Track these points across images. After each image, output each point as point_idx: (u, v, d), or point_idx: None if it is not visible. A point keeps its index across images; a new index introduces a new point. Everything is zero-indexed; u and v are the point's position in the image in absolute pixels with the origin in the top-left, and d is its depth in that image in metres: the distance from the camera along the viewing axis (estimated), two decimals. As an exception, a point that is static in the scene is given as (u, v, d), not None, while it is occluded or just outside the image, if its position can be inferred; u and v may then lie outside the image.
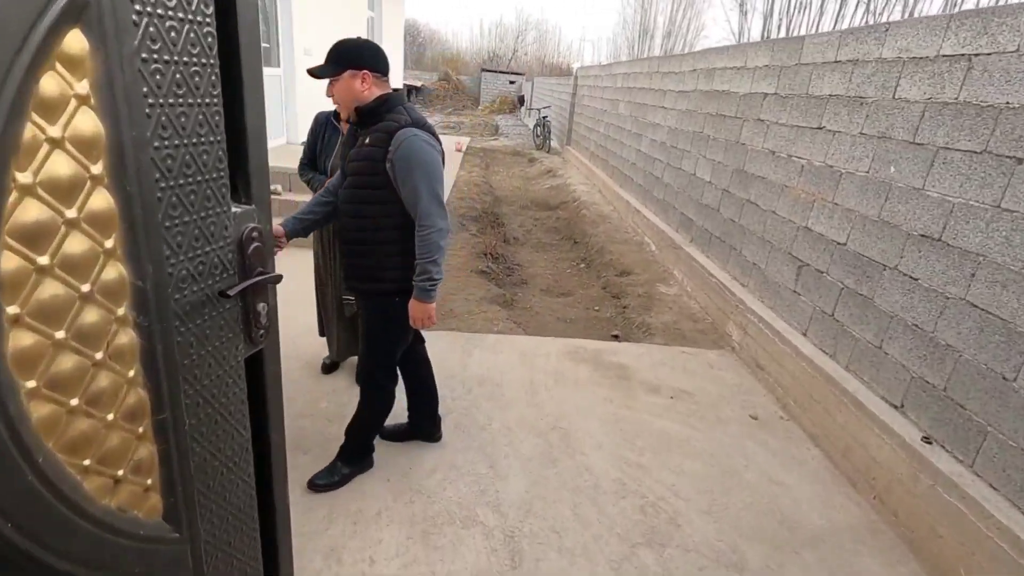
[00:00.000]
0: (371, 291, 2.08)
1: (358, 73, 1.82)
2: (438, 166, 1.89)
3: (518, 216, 7.59)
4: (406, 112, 1.88)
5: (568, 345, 3.72)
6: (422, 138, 1.84)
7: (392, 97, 1.90)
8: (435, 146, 1.90)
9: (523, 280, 5.23)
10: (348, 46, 1.86)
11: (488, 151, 13.31)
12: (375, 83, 1.86)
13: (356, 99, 1.86)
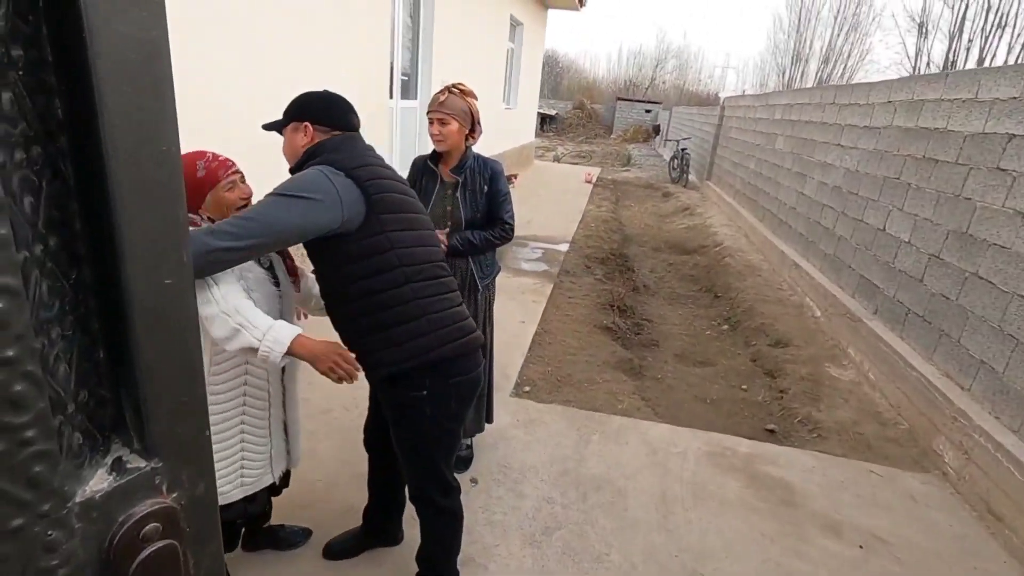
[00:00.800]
0: (375, 380, 1.62)
1: (300, 125, 1.56)
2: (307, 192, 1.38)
3: (649, 259, 6.88)
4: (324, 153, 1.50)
5: (711, 442, 2.98)
6: (317, 169, 1.44)
7: (321, 144, 1.53)
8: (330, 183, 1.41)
9: (654, 340, 4.53)
10: (298, 99, 1.60)
11: (619, 183, 12.69)
12: (318, 135, 1.55)
13: (294, 155, 1.58)
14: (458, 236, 2.32)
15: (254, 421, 1.58)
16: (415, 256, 1.53)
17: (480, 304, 2.47)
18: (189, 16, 2.84)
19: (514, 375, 3.48)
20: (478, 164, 2.33)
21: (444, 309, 1.58)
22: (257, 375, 1.55)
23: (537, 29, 11.87)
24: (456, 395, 1.62)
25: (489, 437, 2.83)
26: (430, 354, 1.52)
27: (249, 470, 1.60)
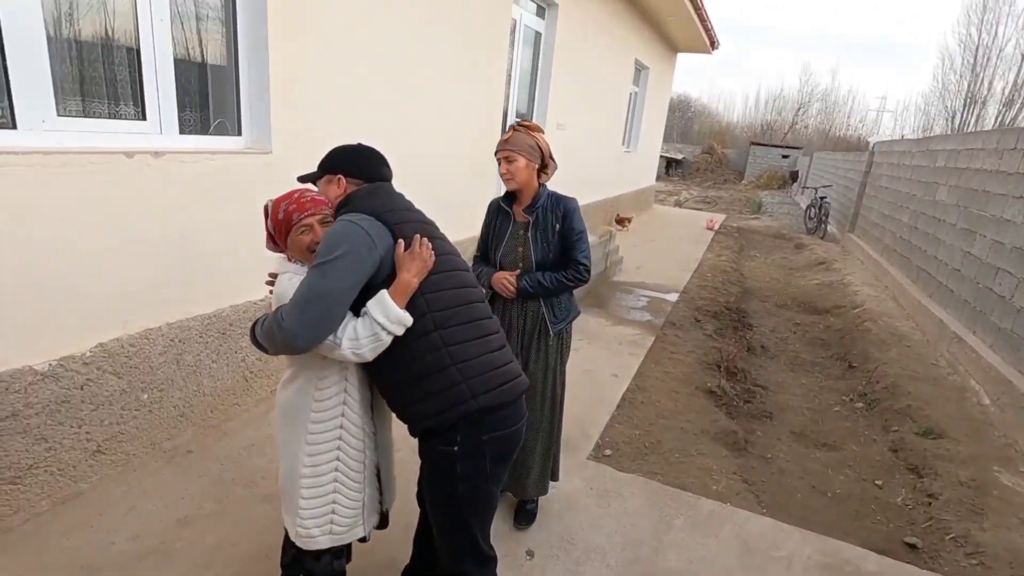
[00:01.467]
0: (417, 429, 1.50)
1: (333, 178, 1.56)
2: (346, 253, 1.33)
3: (772, 317, 6.18)
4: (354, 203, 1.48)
5: (827, 551, 2.43)
6: (347, 220, 1.40)
7: (351, 195, 1.51)
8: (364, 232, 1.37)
9: (766, 412, 3.96)
10: (332, 152, 1.60)
11: (745, 231, 11.81)
12: (351, 188, 1.55)
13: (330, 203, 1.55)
14: (528, 278, 2.17)
15: (350, 464, 1.51)
16: (445, 300, 1.45)
17: (552, 350, 2.28)
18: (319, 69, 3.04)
19: (595, 435, 3.17)
20: (551, 202, 2.18)
21: (480, 355, 1.47)
22: (352, 418, 1.50)
23: (664, 73, 11.64)
24: (491, 452, 1.49)
25: (556, 503, 2.56)
26: (461, 406, 1.42)
27: (341, 517, 1.53)
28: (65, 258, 2.10)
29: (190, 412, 2.73)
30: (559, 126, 6.66)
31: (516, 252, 2.22)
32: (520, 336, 2.28)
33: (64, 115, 2.15)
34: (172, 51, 2.47)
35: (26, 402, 2.06)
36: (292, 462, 1.50)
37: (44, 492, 2.20)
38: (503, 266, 2.26)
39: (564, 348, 2.35)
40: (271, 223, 1.50)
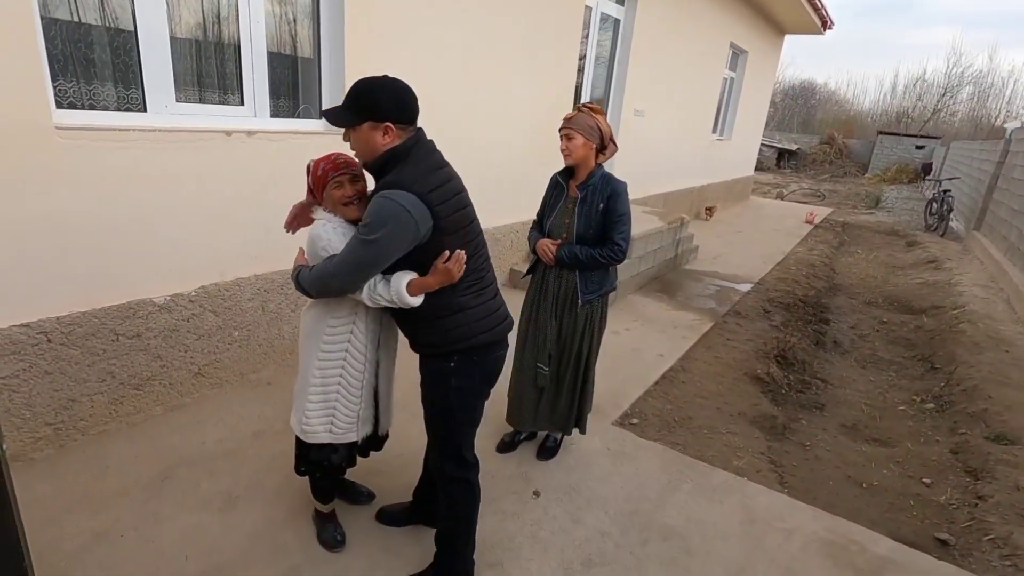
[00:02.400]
0: (426, 354, 1.80)
1: (379, 126, 1.56)
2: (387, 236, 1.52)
3: (856, 314, 5.81)
4: (400, 169, 1.58)
5: (836, 529, 2.44)
6: (395, 201, 1.51)
7: (396, 151, 1.58)
8: (408, 215, 1.52)
9: (819, 403, 3.84)
10: (367, 89, 1.57)
11: (852, 226, 10.93)
12: (400, 135, 1.59)
13: (374, 154, 1.60)
14: (567, 249, 2.39)
15: (350, 380, 1.85)
16: (468, 267, 1.67)
17: (579, 317, 2.49)
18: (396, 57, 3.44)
19: (625, 405, 3.32)
20: (601, 182, 2.36)
21: (481, 303, 1.75)
22: (357, 345, 1.83)
23: (767, 56, 11.03)
24: (480, 372, 1.79)
25: (572, 457, 2.78)
26: (462, 342, 1.72)
27: (339, 420, 1.88)
28: (177, 215, 2.64)
29: (272, 351, 3.26)
30: (637, 113, 6.67)
31: (562, 223, 2.44)
32: (554, 300, 2.51)
33: (181, 101, 2.69)
34: (265, 48, 2.96)
35: (147, 326, 2.64)
36: (306, 372, 1.86)
37: (158, 400, 2.79)
38: (550, 234, 2.49)
39: (595, 318, 2.53)
40: (311, 179, 1.82)
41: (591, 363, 2.62)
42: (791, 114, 36.76)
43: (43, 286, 2.27)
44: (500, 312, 1.82)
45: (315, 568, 2.01)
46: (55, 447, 2.46)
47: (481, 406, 1.86)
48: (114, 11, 2.44)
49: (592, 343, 2.57)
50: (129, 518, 2.15)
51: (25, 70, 2.07)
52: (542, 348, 2.54)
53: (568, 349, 2.54)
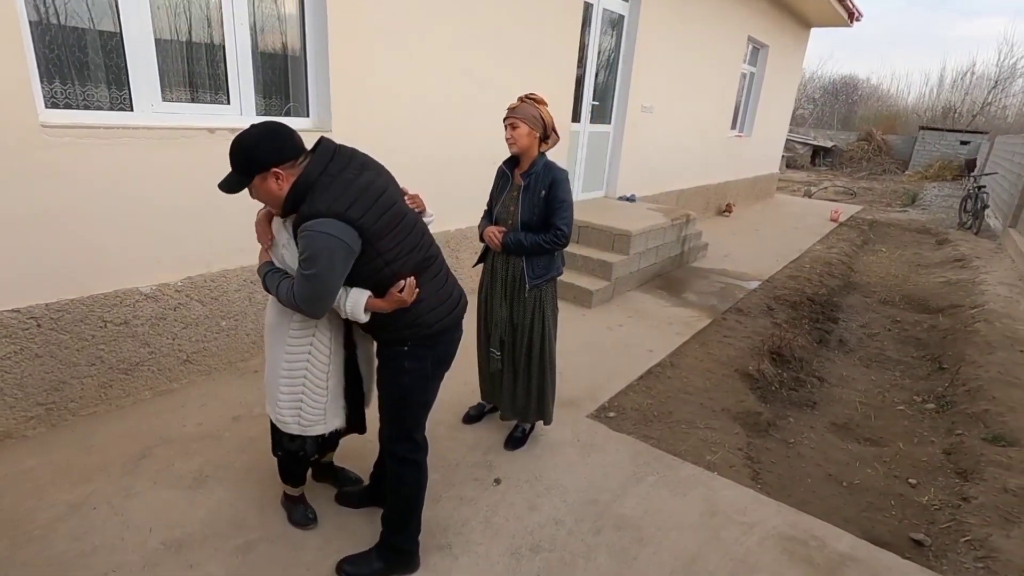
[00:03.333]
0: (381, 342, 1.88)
1: (267, 175, 1.56)
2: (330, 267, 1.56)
3: (869, 312, 5.63)
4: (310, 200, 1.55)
5: (798, 524, 2.39)
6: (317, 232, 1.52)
7: (298, 183, 1.56)
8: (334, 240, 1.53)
9: (811, 401, 3.75)
10: (238, 149, 1.55)
11: (880, 224, 10.55)
12: (291, 174, 1.57)
13: (277, 201, 1.61)
14: (512, 236, 2.45)
15: (315, 375, 1.89)
16: (406, 263, 1.71)
17: (528, 302, 2.53)
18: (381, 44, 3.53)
19: (603, 398, 3.32)
20: (543, 171, 2.42)
21: (433, 291, 1.80)
22: (322, 339, 1.87)
23: (791, 50, 10.75)
24: (433, 356, 1.86)
25: (539, 447, 2.80)
26: (418, 330, 1.80)
27: (306, 414, 1.93)
28: (162, 209, 2.78)
29: (260, 341, 3.39)
30: (644, 109, 6.62)
31: (508, 210, 2.51)
32: (504, 286, 2.57)
33: (167, 100, 2.84)
34: (251, 48, 3.09)
35: (134, 314, 2.79)
36: (274, 364, 1.93)
37: (147, 385, 2.94)
38: (496, 221, 2.57)
39: (545, 303, 2.58)
40: None
41: (546, 350, 2.64)
42: (831, 111, 35.60)
43: (33, 275, 2.43)
44: (453, 296, 1.88)
45: (270, 544, 2.10)
46: (46, 426, 2.63)
47: (434, 389, 1.92)
48: (99, 14, 2.59)
49: (545, 330, 2.60)
50: (104, 492, 2.29)
51: (12, 72, 2.23)
52: (493, 333, 2.62)
53: (521, 335, 2.59)
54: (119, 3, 2.58)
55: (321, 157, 1.60)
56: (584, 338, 4.15)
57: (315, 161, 1.59)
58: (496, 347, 2.62)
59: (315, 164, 1.58)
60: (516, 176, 2.50)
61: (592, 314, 4.63)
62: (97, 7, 2.57)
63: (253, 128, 1.57)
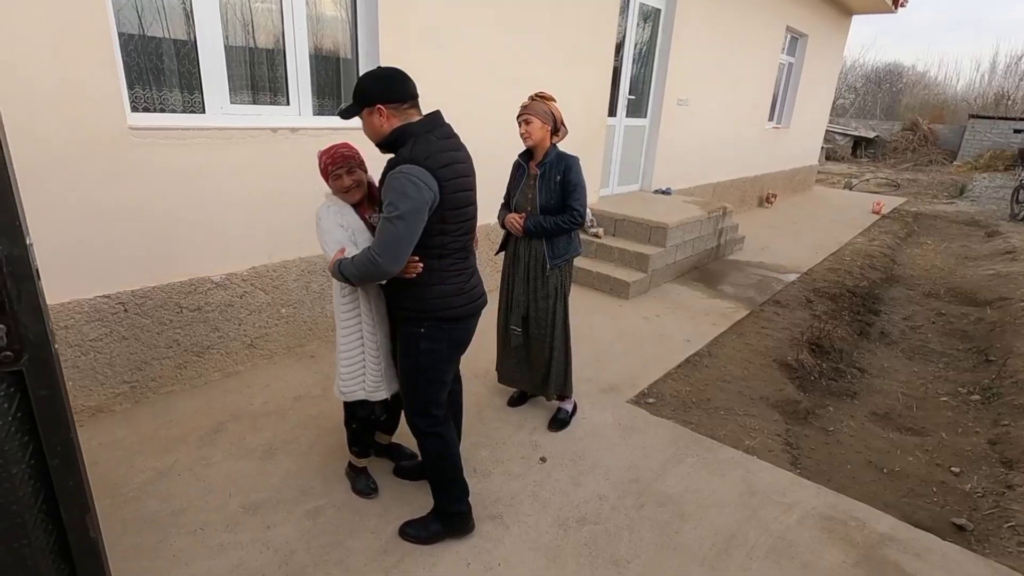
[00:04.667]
0: (401, 319, 1.98)
1: (372, 109, 1.75)
2: (412, 209, 1.68)
3: (912, 305, 5.55)
4: (412, 146, 1.73)
5: (837, 506, 2.45)
6: (408, 175, 1.67)
7: (406, 129, 1.75)
8: (423, 186, 1.68)
9: (851, 391, 3.76)
10: (358, 83, 1.78)
11: (925, 216, 10.26)
12: (393, 114, 1.76)
13: (378, 134, 1.79)
14: (532, 219, 2.63)
15: (369, 340, 2.08)
16: (456, 243, 1.87)
17: (550, 281, 2.71)
18: (419, 36, 3.69)
19: (642, 385, 3.41)
20: (556, 159, 2.60)
21: (458, 281, 1.92)
22: (367, 310, 2.04)
23: (831, 39, 10.51)
24: (449, 339, 1.97)
25: (580, 429, 2.92)
26: (437, 312, 1.90)
27: (370, 378, 2.12)
28: (230, 204, 3.01)
29: (315, 328, 3.60)
30: (680, 102, 6.64)
31: (526, 197, 2.69)
32: (526, 268, 2.73)
33: (235, 103, 3.05)
34: (308, 52, 3.28)
35: (206, 301, 3.02)
36: (337, 344, 2.13)
37: (217, 367, 3.18)
38: (516, 209, 2.74)
39: (563, 280, 2.75)
40: (320, 168, 2.03)
41: (567, 325, 2.82)
42: (874, 100, 34.40)
43: (119, 263, 2.68)
44: (475, 291, 1.99)
45: (336, 510, 2.28)
46: (131, 402, 2.88)
47: (450, 369, 2.03)
48: (176, 24, 2.82)
49: (565, 306, 2.78)
50: (186, 461, 2.52)
51: (106, 81, 2.46)
52: (515, 311, 2.78)
53: (544, 313, 2.75)
54: (194, 13, 2.80)
55: (433, 120, 1.80)
56: (621, 328, 4.24)
57: (426, 120, 1.79)
58: (517, 324, 2.79)
59: (425, 122, 1.78)
60: (531, 167, 2.66)
61: (629, 305, 4.72)
62: (175, 18, 2.80)
63: (376, 68, 1.82)
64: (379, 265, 1.73)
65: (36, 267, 0.92)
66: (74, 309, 2.58)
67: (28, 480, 0.99)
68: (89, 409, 2.74)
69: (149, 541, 2.07)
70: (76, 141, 2.43)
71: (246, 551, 2.05)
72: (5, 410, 0.94)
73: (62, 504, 1.03)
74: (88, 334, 2.65)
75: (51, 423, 0.98)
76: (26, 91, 2.26)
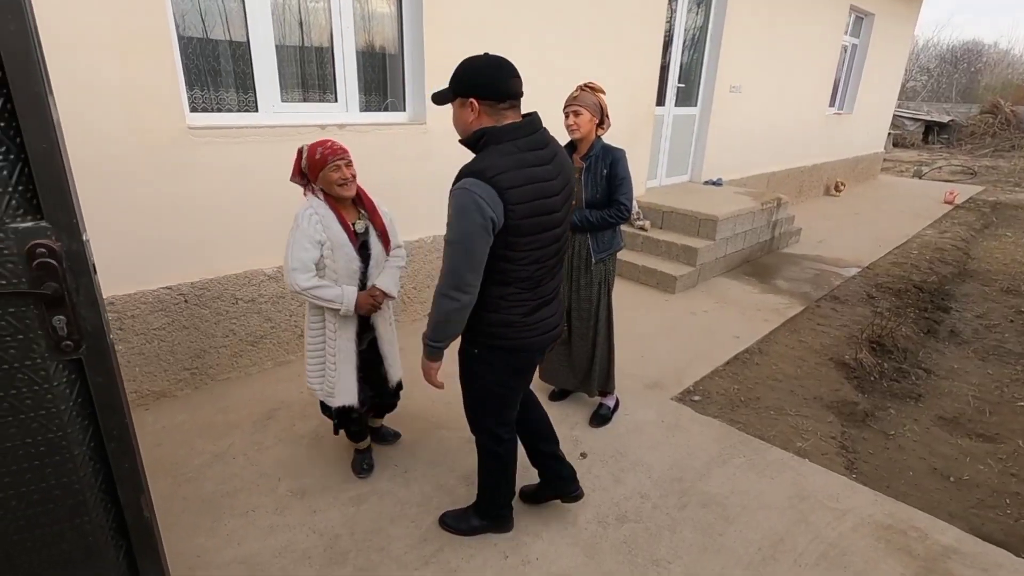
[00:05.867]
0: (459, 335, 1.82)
1: (465, 102, 1.57)
2: (470, 230, 1.50)
3: (987, 302, 5.16)
4: (485, 156, 1.55)
5: (896, 515, 2.32)
6: (470, 193, 1.48)
7: (488, 133, 1.56)
8: (484, 207, 1.47)
9: (915, 393, 3.54)
10: (458, 68, 1.59)
11: (1005, 206, 9.51)
12: (486, 112, 1.57)
13: (465, 130, 1.62)
14: (579, 214, 2.58)
15: (330, 346, 2.13)
16: (522, 272, 1.64)
17: (594, 275, 2.67)
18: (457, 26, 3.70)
19: (687, 382, 3.33)
20: (602, 152, 2.54)
21: (521, 315, 1.70)
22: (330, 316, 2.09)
23: (900, 17, 9.85)
24: (505, 366, 1.79)
25: (622, 425, 2.88)
26: (500, 340, 1.72)
27: (328, 383, 2.18)
28: (281, 199, 3.10)
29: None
30: (732, 89, 6.39)
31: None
32: (570, 262, 2.70)
33: (286, 101, 3.15)
34: (355, 50, 3.35)
35: (259, 292, 3.15)
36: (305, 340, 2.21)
37: (269, 356, 3.31)
38: None
39: (609, 275, 2.71)
40: (307, 161, 1.97)
41: (611, 320, 2.78)
42: (948, 82, 32.11)
43: (180, 256, 2.82)
44: (542, 324, 1.75)
45: (379, 498, 2.34)
46: (191, 388, 3.05)
47: (512, 393, 1.87)
48: (232, 26, 2.93)
49: (609, 301, 2.74)
50: (240, 445, 2.64)
51: (167, 82, 2.59)
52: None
53: (588, 307, 2.72)
54: (248, 15, 2.90)
55: (522, 126, 1.59)
56: (667, 323, 4.15)
57: (514, 126, 1.57)
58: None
59: (510, 128, 1.57)
60: (576, 160, 2.60)
61: (675, 299, 4.60)
62: (230, 19, 2.91)
63: (481, 55, 1.60)
64: (451, 299, 1.58)
65: (92, 262, 0.97)
66: (139, 300, 2.74)
67: (88, 461, 1.06)
68: (154, 394, 2.92)
69: (205, 520, 2.18)
70: (140, 141, 2.57)
71: (293, 534, 2.14)
72: (67, 395, 1.01)
73: (119, 485, 1.09)
74: (152, 323, 2.81)
75: (108, 408, 1.04)
76: (95, 95, 2.40)
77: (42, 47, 0.86)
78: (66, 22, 2.27)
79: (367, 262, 2.12)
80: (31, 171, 0.88)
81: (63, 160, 0.90)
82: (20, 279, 0.92)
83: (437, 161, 3.71)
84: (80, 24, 2.31)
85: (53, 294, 0.93)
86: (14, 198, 0.89)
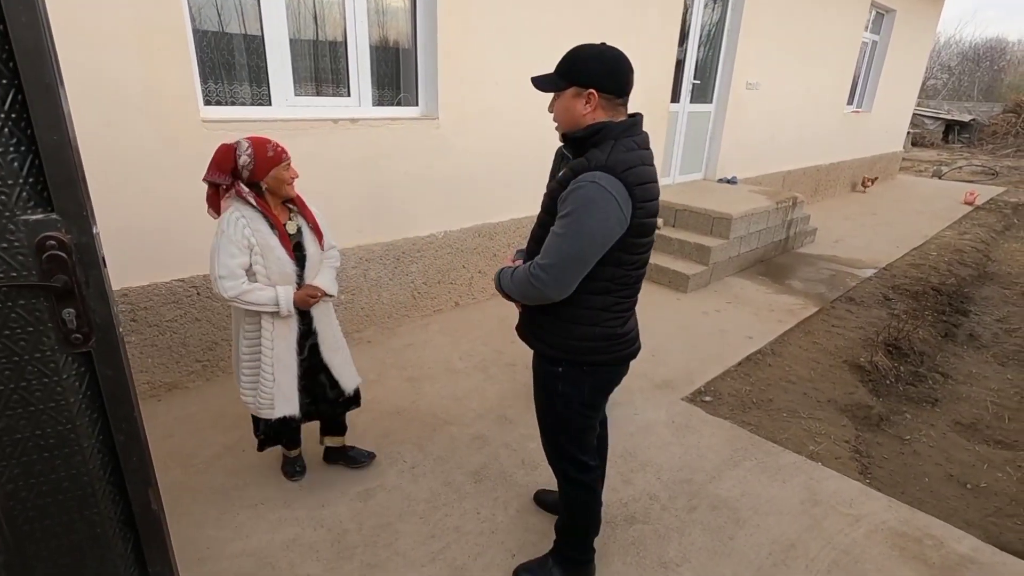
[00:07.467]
0: (534, 349, 1.70)
1: (583, 92, 1.44)
2: (600, 227, 1.40)
3: (1008, 306, 5.06)
4: (609, 150, 1.42)
5: (911, 521, 2.28)
6: (603, 189, 1.37)
7: (608, 127, 1.44)
8: (618, 204, 1.38)
9: (932, 398, 3.48)
10: (579, 56, 1.46)
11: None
12: (604, 106, 1.46)
13: (573, 122, 1.49)
14: None
15: (266, 362, 2.01)
16: (628, 278, 1.56)
17: None
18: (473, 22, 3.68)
19: (699, 383, 3.29)
20: None
21: (619, 326, 1.62)
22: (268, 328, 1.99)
23: (922, 13, 9.66)
24: (591, 383, 1.67)
25: (631, 425, 2.86)
26: (583, 355, 1.61)
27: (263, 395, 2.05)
28: (294, 193, 3.11)
29: (372, 314, 3.70)
30: (749, 86, 6.31)
31: None
32: None
33: (299, 95, 3.15)
34: (368, 44, 3.34)
35: (270, 286, 3.15)
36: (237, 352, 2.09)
37: (280, 349, 3.32)
38: None
39: None
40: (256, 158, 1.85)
41: None
42: (970, 80, 31.50)
43: (193, 249, 2.83)
44: (629, 336, 1.67)
45: (386, 493, 2.34)
46: (203, 380, 3.07)
47: (596, 415, 1.74)
48: (247, 20, 2.93)
49: None
50: (249, 437, 2.63)
51: (182, 76, 2.59)
52: None
53: None
54: (262, 9, 2.90)
55: (636, 126, 1.49)
56: (679, 322, 4.11)
57: (631, 123, 1.48)
58: None
59: (627, 124, 1.47)
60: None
61: (687, 299, 4.56)
62: (244, 13, 2.91)
63: (601, 44, 1.49)
64: (541, 287, 1.46)
65: (102, 255, 0.97)
66: (152, 291, 2.76)
67: (97, 454, 1.06)
68: (166, 385, 2.94)
69: (214, 512, 2.20)
70: (155, 134, 2.58)
71: (301, 527, 2.14)
72: (76, 388, 1.01)
73: (127, 477, 1.09)
74: (165, 315, 2.83)
75: (116, 401, 1.04)
76: (112, 90, 2.41)
77: (54, 39, 0.85)
78: (86, 16, 2.28)
79: (302, 264, 2.01)
80: (42, 163, 0.88)
81: (74, 152, 0.89)
82: (30, 271, 0.91)
83: (449, 156, 3.70)
84: (98, 18, 2.32)
85: (63, 287, 0.93)
86: (24, 190, 0.89)
